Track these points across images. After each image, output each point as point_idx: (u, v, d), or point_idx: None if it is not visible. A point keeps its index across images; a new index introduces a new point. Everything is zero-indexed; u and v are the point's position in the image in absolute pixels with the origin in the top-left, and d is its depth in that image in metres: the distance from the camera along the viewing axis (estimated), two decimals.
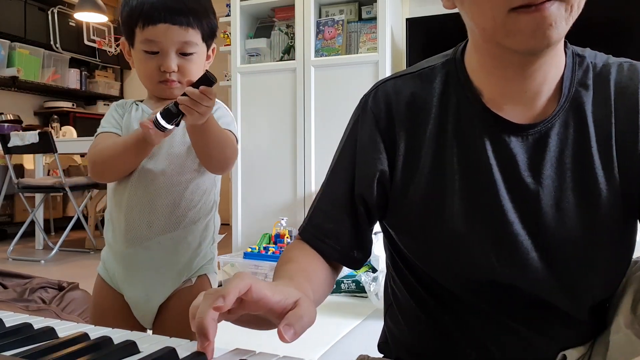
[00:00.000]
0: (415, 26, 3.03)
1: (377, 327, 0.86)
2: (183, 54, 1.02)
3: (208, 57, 1.11)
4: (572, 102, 0.66)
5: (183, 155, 1.06)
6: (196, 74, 1.01)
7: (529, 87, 0.65)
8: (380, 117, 0.73)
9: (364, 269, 2.54)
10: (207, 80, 0.87)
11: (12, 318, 0.58)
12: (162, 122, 0.90)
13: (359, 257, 0.76)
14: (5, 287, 2.43)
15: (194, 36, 1.02)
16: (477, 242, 0.67)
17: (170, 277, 1.07)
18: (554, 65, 0.65)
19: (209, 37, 1.06)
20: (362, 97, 0.77)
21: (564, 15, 0.56)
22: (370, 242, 0.77)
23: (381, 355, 0.84)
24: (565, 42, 0.68)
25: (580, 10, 0.58)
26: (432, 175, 0.69)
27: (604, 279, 0.67)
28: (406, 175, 0.71)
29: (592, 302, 0.68)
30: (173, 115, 0.90)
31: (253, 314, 0.52)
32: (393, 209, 0.73)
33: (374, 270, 2.49)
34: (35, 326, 0.54)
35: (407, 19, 3.09)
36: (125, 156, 1.01)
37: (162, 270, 1.06)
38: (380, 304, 2.15)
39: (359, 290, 2.45)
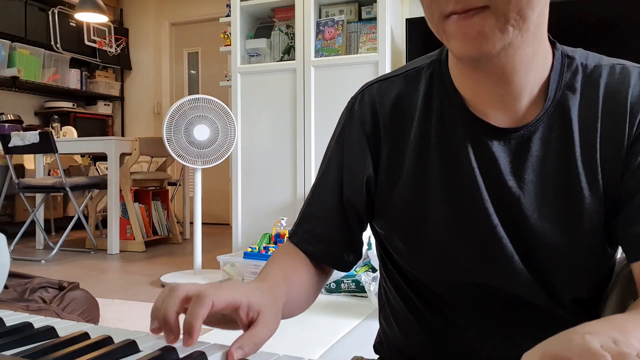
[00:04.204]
0: (415, 26, 3.03)
1: (376, 326, 0.87)
2: None
3: None
4: (558, 105, 0.64)
5: None
6: None
7: (506, 91, 0.63)
8: (366, 121, 0.72)
9: (364, 268, 2.55)
10: None
11: (13, 317, 0.58)
12: None
13: (350, 260, 0.76)
14: (6, 286, 2.44)
15: None
16: (461, 245, 0.67)
17: None
18: (532, 69, 0.62)
19: None
20: (349, 101, 0.77)
21: (496, 25, 0.54)
22: (361, 245, 0.78)
23: (376, 356, 0.84)
24: (554, 43, 0.66)
25: (527, 18, 0.55)
26: (415, 179, 0.69)
27: (586, 282, 0.67)
28: (390, 178, 0.71)
29: (577, 304, 0.67)
30: None
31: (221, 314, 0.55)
32: (379, 212, 0.73)
33: (374, 270, 2.49)
34: (36, 325, 0.54)
35: (407, 19, 3.09)
36: None
37: None
38: None
39: (359, 290, 2.45)
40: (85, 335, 0.51)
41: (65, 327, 0.55)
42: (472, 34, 0.55)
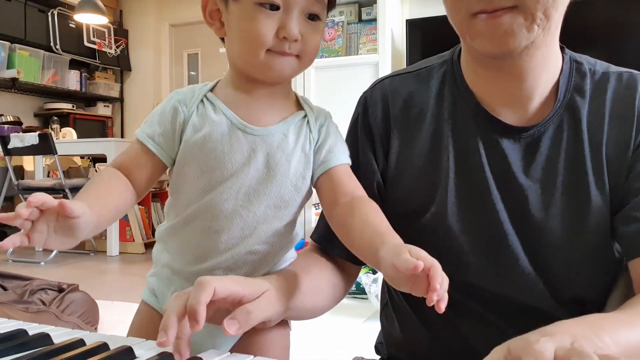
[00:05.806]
0: (415, 27, 3.03)
1: (377, 328, 0.86)
2: (310, 17, 0.67)
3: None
4: (568, 107, 0.66)
5: None
6: (317, 49, 0.70)
7: (519, 91, 0.65)
8: (377, 115, 0.74)
9: (364, 270, 2.54)
10: None
11: (7, 324, 0.57)
12: None
13: None
14: (5, 288, 2.43)
15: None
16: (466, 239, 0.68)
17: None
18: (545, 70, 0.65)
19: (330, 3, 0.72)
20: (361, 96, 0.79)
21: (524, 24, 0.56)
22: None
23: (377, 357, 0.84)
24: (563, 48, 0.68)
25: (551, 18, 0.57)
26: (426, 171, 0.70)
27: (589, 283, 0.67)
28: (400, 170, 0.72)
29: (579, 305, 0.68)
30: None
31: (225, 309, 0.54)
32: (388, 202, 0.74)
33: (375, 271, 2.48)
34: (30, 332, 0.53)
35: (407, 20, 3.09)
36: None
37: None
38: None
39: (360, 291, 2.45)
40: (80, 342, 0.51)
41: (61, 334, 0.54)
42: (500, 32, 0.57)
